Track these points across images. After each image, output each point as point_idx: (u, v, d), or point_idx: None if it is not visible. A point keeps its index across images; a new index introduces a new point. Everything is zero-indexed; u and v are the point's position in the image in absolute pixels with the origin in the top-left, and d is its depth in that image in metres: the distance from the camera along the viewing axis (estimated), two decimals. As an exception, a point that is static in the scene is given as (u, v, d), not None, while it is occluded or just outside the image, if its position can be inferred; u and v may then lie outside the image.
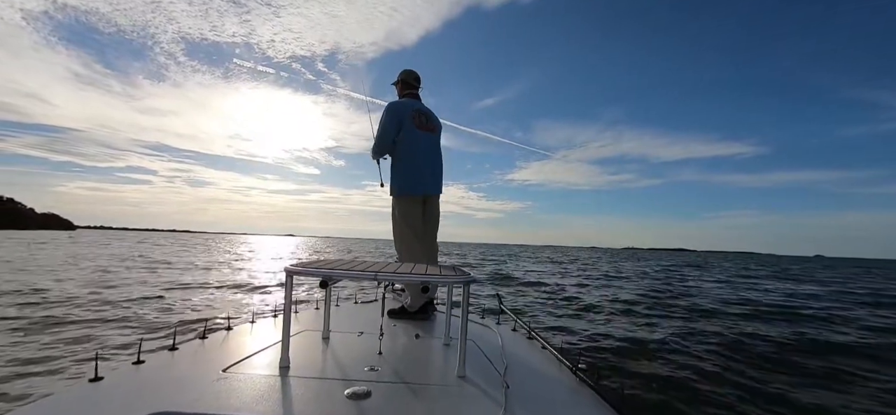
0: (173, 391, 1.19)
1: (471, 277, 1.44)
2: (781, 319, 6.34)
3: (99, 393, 1.17)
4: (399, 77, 2.79)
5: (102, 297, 6.09)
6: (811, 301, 8.81)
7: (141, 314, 4.93)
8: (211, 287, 7.92)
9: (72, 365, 3.05)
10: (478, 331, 2.19)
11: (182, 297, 6.51)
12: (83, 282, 7.71)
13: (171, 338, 1.72)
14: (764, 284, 13.19)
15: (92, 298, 5.89)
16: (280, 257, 19.66)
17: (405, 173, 2.54)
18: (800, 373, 3.61)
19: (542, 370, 1.71)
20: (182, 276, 9.65)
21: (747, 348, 4.34)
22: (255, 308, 5.66)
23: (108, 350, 3.46)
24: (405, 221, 2.53)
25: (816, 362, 3.92)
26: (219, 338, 1.81)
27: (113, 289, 6.98)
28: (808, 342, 4.71)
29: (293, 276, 1.40)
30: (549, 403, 1.36)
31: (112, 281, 8.03)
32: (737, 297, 9.14)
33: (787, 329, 5.43)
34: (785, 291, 11.03)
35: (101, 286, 7.24)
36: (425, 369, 1.53)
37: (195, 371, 1.36)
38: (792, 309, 7.30)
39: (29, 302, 5.47)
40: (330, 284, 1.58)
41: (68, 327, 4.19)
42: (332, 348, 1.70)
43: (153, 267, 11.67)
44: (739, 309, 7.18)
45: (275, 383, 1.26)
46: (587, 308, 6.85)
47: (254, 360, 1.48)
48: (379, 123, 2.56)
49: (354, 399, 1.16)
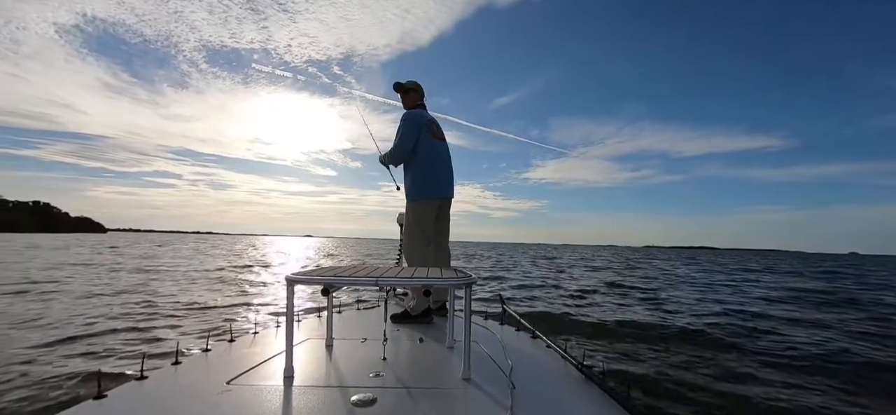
0: (177, 406, 1.19)
1: (472, 278, 1.41)
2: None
3: (103, 411, 1.16)
4: (411, 84, 2.83)
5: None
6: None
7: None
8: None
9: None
10: (481, 333, 2.17)
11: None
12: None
13: (174, 352, 1.71)
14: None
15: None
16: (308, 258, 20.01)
17: (426, 179, 2.60)
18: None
19: (547, 370, 1.68)
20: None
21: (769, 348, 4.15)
22: (257, 318, 5.62)
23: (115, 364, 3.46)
24: (419, 226, 2.57)
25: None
26: (222, 350, 1.81)
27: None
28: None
29: (294, 284, 1.38)
30: (555, 402, 1.34)
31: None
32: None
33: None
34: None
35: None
36: (430, 373, 1.51)
37: (199, 385, 1.35)
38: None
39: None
40: (332, 292, 1.58)
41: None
42: (335, 355, 1.69)
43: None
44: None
45: (279, 393, 1.25)
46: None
47: (258, 371, 1.48)
48: (397, 133, 2.62)
49: (360, 406, 1.15)
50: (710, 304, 7.38)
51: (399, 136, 2.60)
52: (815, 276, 16.39)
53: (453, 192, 2.75)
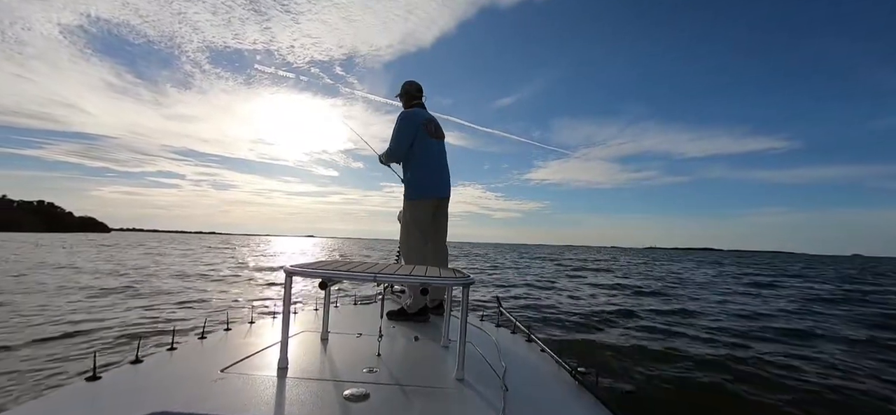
0: (171, 391, 1.20)
1: (470, 279, 1.42)
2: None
3: (96, 392, 1.18)
4: (402, 90, 2.85)
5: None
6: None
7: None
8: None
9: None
10: (477, 333, 2.17)
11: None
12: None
13: (170, 337, 1.73)
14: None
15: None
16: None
17: (422, 178, 2.61)
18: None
19: (540, 373, 1.69)
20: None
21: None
22: (254, 308, 5.60)
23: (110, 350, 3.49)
24: (416, 225, 2.59)
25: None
26: (217, 338, 1.83)
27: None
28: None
29: (292, 276, 1.39)
30: (547, 406, 1.34)
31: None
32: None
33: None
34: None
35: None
36: (424, 371, 1.52)
37: (194, 371, 1.36)
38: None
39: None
40: (329, 286, 1.59)
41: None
42: (330, 349, 1.70)
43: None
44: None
45: (273, 383, 1.26)
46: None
47: (252, 360, 1.49)
48: (393, 132, 2.63)
49: (353, 401, 1.15)
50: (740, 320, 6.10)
51: (393, 136, 2.63)
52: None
53: (449, 192, 2.74)
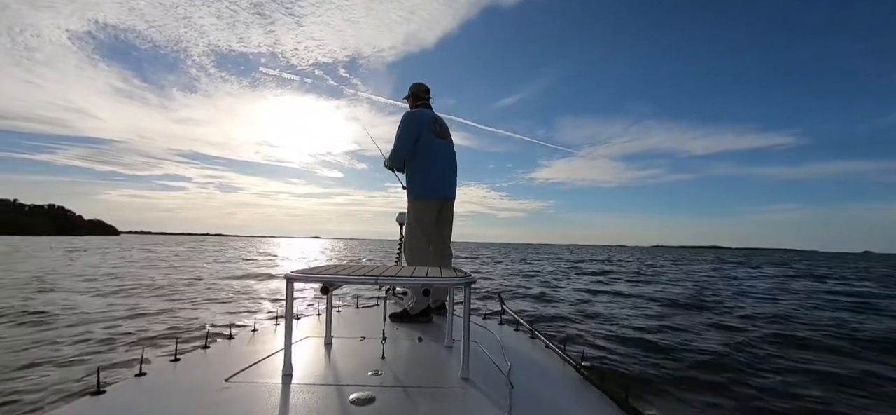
0: (176, 403, 1.19)
1: (471, 278, 1.41)
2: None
3: (101, 407, 1.17)
4: (410, 91, 2.83)
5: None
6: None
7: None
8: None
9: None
10: (480, 332, 2.17)
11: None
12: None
13: (173, 348, 1.71)
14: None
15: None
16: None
17: (426, 179, 2.59)
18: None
19: (545, 370, 1.68)
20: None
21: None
22: (256, 315, 5.63)
23: (111, 365, 3.37)
24: (419, 226, 2.57)
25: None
26: (221, 347, 1.82)
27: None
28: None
29: (294, 282, 1.38)
30: (553, 402, 1.34)
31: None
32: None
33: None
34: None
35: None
36: (429, 372, 1.51)
37: (198, 382, 1.36)
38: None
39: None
40: (331, 290, 1.59)
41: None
42: (334, 353, 1.70)
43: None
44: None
45: (278, 391, 1.25)
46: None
47: (256, 368, 1.48)
48: (396, 134, 2.61)
49: (359, 405, 1.15)
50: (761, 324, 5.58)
51: (397, 136, 2.60)
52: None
53: (454, 193, 2.70)
